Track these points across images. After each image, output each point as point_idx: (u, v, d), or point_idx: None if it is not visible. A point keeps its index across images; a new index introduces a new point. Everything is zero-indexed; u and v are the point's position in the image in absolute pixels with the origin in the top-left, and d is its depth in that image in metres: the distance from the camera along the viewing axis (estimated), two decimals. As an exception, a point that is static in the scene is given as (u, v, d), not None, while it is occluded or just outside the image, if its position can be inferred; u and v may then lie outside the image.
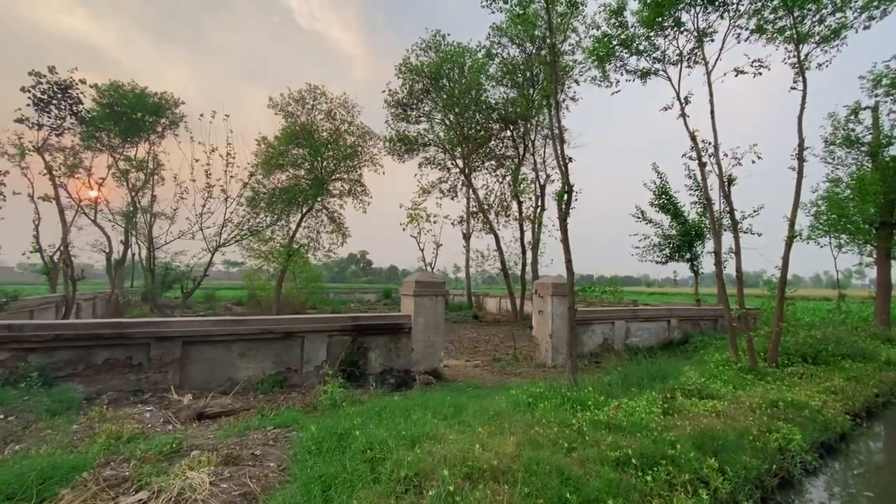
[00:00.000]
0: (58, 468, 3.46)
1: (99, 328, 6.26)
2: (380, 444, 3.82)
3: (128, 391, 6.18)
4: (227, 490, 3.10)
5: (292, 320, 7.56)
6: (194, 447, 3.95)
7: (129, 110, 23.19)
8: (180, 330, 6.68)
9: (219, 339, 6.92)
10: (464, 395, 6.42)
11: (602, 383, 6.75)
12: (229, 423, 5.05)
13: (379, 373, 7.94)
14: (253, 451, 3.88)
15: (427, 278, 8.55)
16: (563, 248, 6.41)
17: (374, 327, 8.10)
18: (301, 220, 18.95)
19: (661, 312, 12.36)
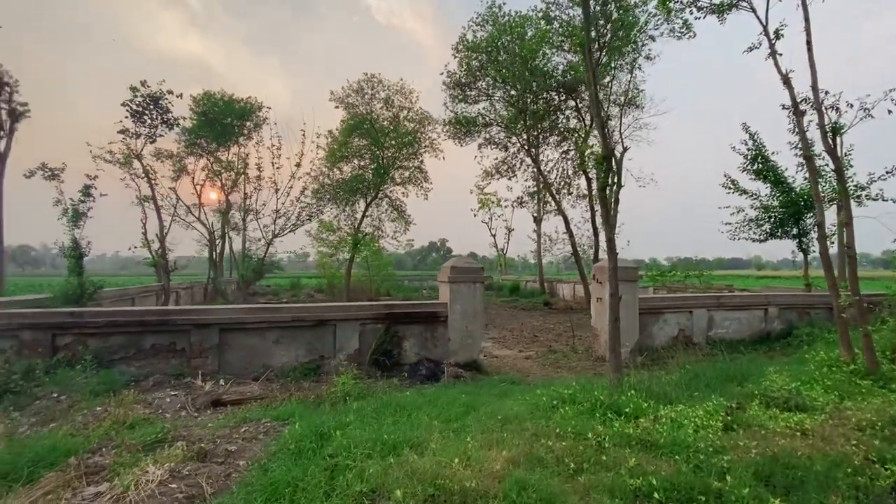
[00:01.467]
0: (56, 450, 3.57)
1: (146, 315, 6.69)
2: (351, 448, 3.41)
3: (171, 375, 6.53)
4: (174, 490, 2.91)
5: (324, 308, 7.50)
6: (180, 437, 3.89)
7: (220, 116, 25.42)
8: (217, 318, 6.91)
9: (253, 326, 7.06)
10: (491, 392, 5.81)
11: (658, 384, 5.69)
12: (241, 410, 5.02)
13: (414, 363, 7.61)
14: (228, 446, 3.71)
15: (463, 264, 7.97)
16: (604, 223, 5.43)
17: (408, 315, 7.76)
18: (366, 209, 19.35)
19: (756, 299, 10.43)
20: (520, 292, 28.23)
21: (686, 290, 15.67)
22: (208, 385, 5.84)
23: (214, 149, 26.69)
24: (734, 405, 4.59)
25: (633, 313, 9.02)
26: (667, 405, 4.67)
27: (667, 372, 7.34)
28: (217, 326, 6.86)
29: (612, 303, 5.34)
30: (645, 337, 9.26)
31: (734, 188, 12.93)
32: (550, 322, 16.63)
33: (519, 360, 9.60)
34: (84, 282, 9.25)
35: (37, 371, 5.62)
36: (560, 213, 18.95)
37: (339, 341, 7.37)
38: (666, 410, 4.42)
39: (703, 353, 9.17)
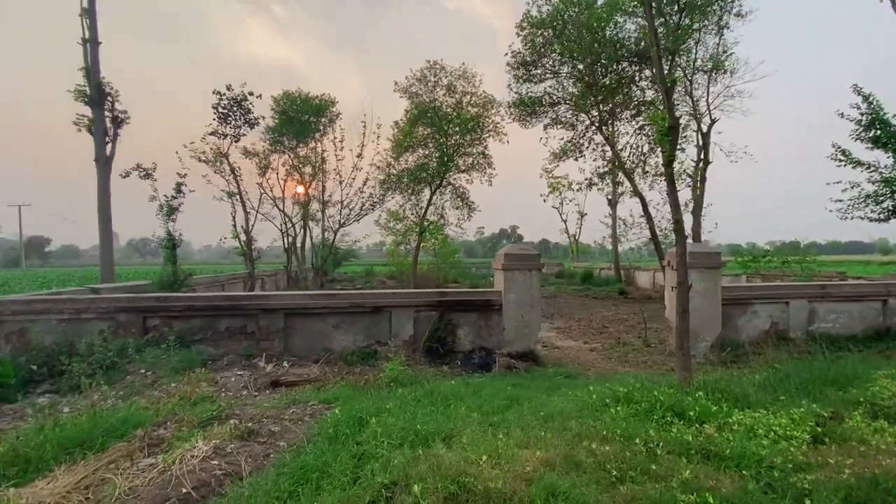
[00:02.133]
0: (128, 422, 3.99)
1: (218, 301, 7.29)
2: (381, 437, 3.38)
3: (242, 355, 7.06)
4: (214, 467, 3.08)
5: (379, 295, 7.64)
6: (233, 416, 4.14)
7: (298, 114, 27.01)
8: (282, 303, 7.33)
9: (314, 311, 7.40)
10: (541, 385, 5.52)
11: (736, 385, 5.02)
12: (295, 392, 5.27)
13: (468, 351, 7.50)
14: (273, 426, 3.87)
15: (518, 250, 7.65)
16: (670, 203, 4.83)
17: (461, 303, 7.65)
18: (431, 197, 19.50)
19: (872, 289, 8.85)
20: (593, 280, 26.91)
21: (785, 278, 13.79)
22: (270, 366, 6.22)
23: (294, 145, 28.54)
24: (829, 414, 3.88)
25: (715, 304, 8.09)
26: (743, 410, 4.08)
27: (751, 370, 6.50)
28: (282, 311, 7.28)
29: (680, 292, 4.76)
30: (729, 330, 8.28)
31: (846, 159, 10.99)
32: (624, 312, 15.61)
33: (583, 352, 9.10)
34: (177, 270, 10.35)
35: (129, 349, 6.37)
36: (636, 195, 17.60)
37: (395, 327, 7.48)
38: (740, 416, 3.85)
39: (799, 350, 8.00)
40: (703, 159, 19.59)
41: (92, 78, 11.19)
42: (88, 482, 3.02)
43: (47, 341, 6.71)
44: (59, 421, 3.95)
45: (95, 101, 11.19)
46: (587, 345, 9.79)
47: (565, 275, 32.12)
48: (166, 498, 2.69)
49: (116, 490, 2.81)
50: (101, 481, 3.00)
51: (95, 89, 11.17)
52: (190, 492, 2.75)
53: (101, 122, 11.35)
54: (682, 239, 4.76)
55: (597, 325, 12.58)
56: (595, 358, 8.46)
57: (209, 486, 2.87)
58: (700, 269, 8.00)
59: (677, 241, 4.78)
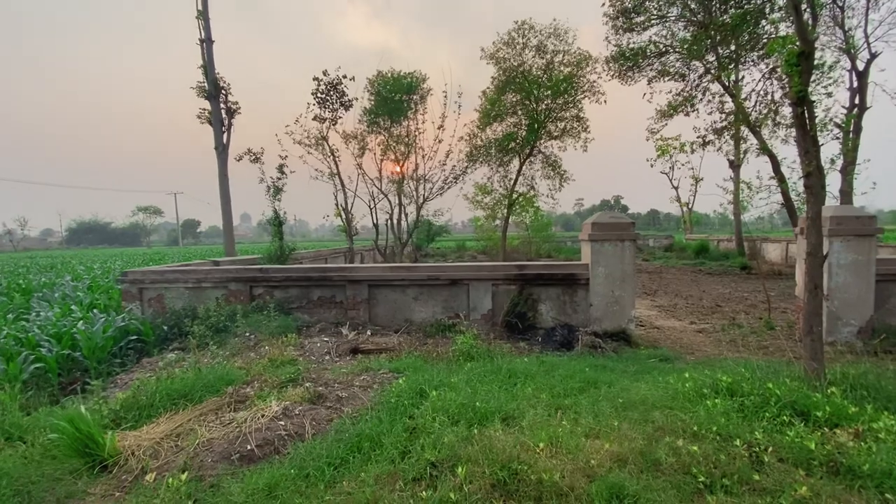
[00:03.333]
0: (223, 380, 4.42)
1: (311, 272, 7.79)
2: (436, 412, 3.26)
3: (332, 322, 7.52)
4: (280, 427, 3.24)
5: (456, 268, 7.51)
6: (310, 379, 4.36)
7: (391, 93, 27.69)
8: (365, 275, 7.61)
9: (395, 283, 7.56)
10: (628, 368, 4.95)
11: (890, 382, 3.96)
12: (372, 359, 5.43)
13: (550, 328, 7.08)
14: (342, 392, 3.99)
15: (607, 219, 6.89)
16: (800, 150, 3.82)
17: (542, 277, 7.20)
18: (520, 168, 18.74)
19: None
20: (708, 254, 23.96)
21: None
22: (352, 334, 6.50)
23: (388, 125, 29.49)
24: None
25: (866, 280, 6.53)
26: (894, 414, 3.17)
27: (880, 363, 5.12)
28: (366, 283, 7.57)
29: (811, 264, 3.81)
30: (885, 313, 6.66)
31: None
32: (745, 289, 13.65)
33: (687, 333, 8.07)
34: (283, 245, 11.37)
35: (238, 315, 7.13)
36: (765, 152, 14.89)
37: (473, 301, 7.33)
38: (890, 421, 2.99)
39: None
40: (859, 105, 15.92)
41: (209, 74, 12.56)
42: (180, 430, 3.38)
43: (178, 306, 7.83)
44: (171, 375, 4.52)
45: (212, 94, 12.58)
46: (693, 325, 8.67)
47: (675, 248, 29.06)
48: (233, 452, 2.88)
49: (196, 441, 3.08)
50: (190, 431, 3.33)
51: (212, 84, 12.54)
52: (254, 449, 2.91)
53: (218, 113, 12.75)
54: (816, 197, 3.77)
55: (708, 304, 11.12)
56: (702, 341, 7.43)
57: (272, 445, 3.01)
58: (846, 236, 6.48)
59: (808, 201, 3.79)
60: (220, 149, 12.97)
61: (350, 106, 20.01)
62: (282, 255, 11.02)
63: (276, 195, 12.02)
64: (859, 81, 14.75)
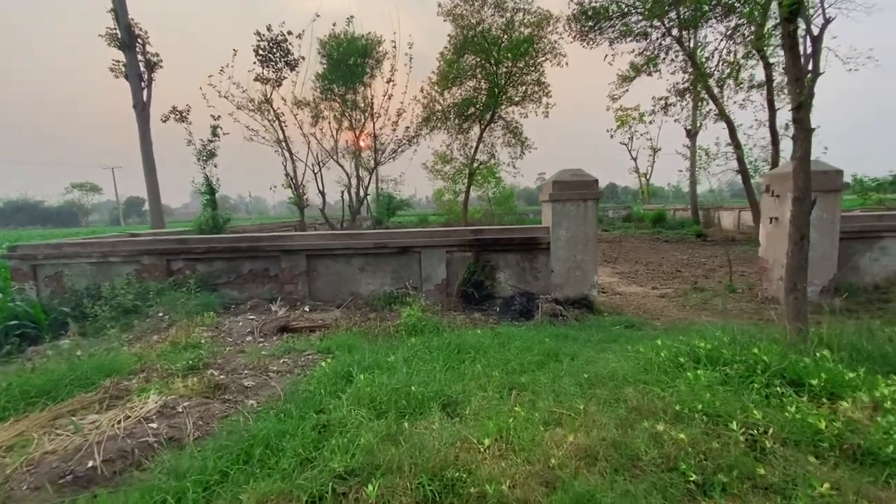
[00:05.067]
0: (101, 370, 3.53)
1: (238, 242, 6.81)
2: (361, 400, 2.56)
3: (266, 299, 6.63)
4: (149, 432, 2.44)
5: (406, 234, 6.75)
6: (214, 366, 3.55)
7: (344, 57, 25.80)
8: (303, 244, 6.71)
9: (338, 252, 6.72)
10: (591, 337, 4.43)
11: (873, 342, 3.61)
12: (302, 338, 4.65)
13: (510, 297, 6.51)
14: (248, 381, 3.21)
15: (569, 177, 6.30)
16: (790, 76, 3.27)
17: (499, 242, 6.57)
18: (481, 135, 17.95)
19: None
20: (665, 223, 24.29)
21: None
22: (282, 311, 5.67)
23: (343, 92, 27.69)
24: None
25: (832, 237, 6.30)
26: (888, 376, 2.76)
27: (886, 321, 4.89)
28: (303, 253, 6.69)
29: (797, 213, 3.32)
30: (848, 272, 6.50)
31: None
32: (701, 255, 13.68)
33: (650, 298, 7.74)
34: (217, 215, 10.17)
35: (151, 293, 6.10)
36: (723, 118, 14.85)
37: (425, 270, 6.63)
38: (892, 387, 2.55)
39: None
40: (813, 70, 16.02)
41: (121, 19, 10.86)
42: (18, 441, 2.52)
43: (80, 285, 6.67)
44: (36, 367, 3.57)
45: (126, 44, 10.91)
46: (655, 290, 8.39)
47: (633, 218, 29.45)
48: (66, 472, 2.07)
49: (24, 457, 2.24)
50: (28, 442, 2.48)
51: (125, 31, 10.86)
52: (98, 466, 2.11)
53: (135, 65, 11.13)
54: (806, 133, 3.25)
55: (668, 270, 10.96)
56: (665, 305, 7.11)
57: (130, 458, 2.22)
58: (818, 192, 6.17)
59: (797, 138, 3.27)
60: (139, 107, 11.38)
61: (296, 66, 18.38)
62: (216, 227, 9.86)
63: (207, 159, 10.70)
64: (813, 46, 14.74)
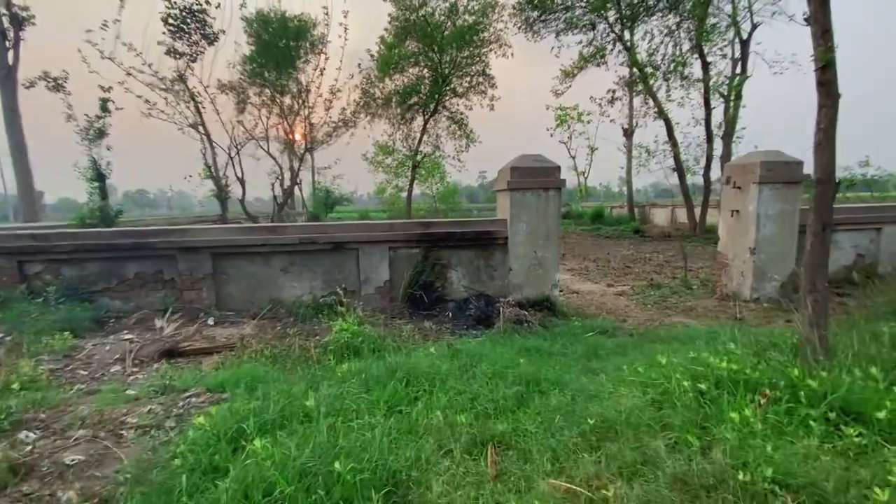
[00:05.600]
0: None
1: (119, 237, 5.33)
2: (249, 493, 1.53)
3: (160, 309, 5.23)
4: None
5: (340, 227, 5.66)
6: (33, 423, 2.31)
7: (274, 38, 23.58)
8: (207, 240, 5.39)
9: (254, 250, 5.48)
10: (570, 350, 3.67)
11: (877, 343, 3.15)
12: (191, 366, 3.44)
13: (463, 300, 5.64)
14: (72, 455, 2.03)
15: (531, 163, 5.55)
16: (813, 33, 2.65)
17: (452, 237, 5.69)
18: (424, 126, 16.99)
19: None
20: (603, 219, 24.82)
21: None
22: (170, 326, 4.37)
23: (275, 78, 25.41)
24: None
25: (791, 232, 6.09)
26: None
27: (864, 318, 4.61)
28: (207, 251, 5.37)
29: (820, 197, 2.72)
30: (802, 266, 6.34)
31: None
32: (645, 251, 13.72)
33: (608, 297, 7.25)
34: (105, 207, 8.35)
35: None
36: (661, 116, 15.08)
37: (364, 270, 5.59)
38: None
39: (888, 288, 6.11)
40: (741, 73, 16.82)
41: (-27, -40, 8.62)
42: None
43: None
44: None
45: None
46: (612, 288, 7.95)
47: (573, 215, 30.01)
48: None
49: None
50: None
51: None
52: None
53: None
54: (833, 99, 2.66)
55: (618, 266, 10.71)
56: (626, 305, 6.61)
57: None
58: (776, 184, 5.93)
59: (823, 105, 2.67)
60: (2, 72, 9.14)
61: (215, 40, 16.31)
62: (104, 221, 8.06)
63: (94, 140, 8.79)
64: (742, 50, 15.41)
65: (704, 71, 12.93)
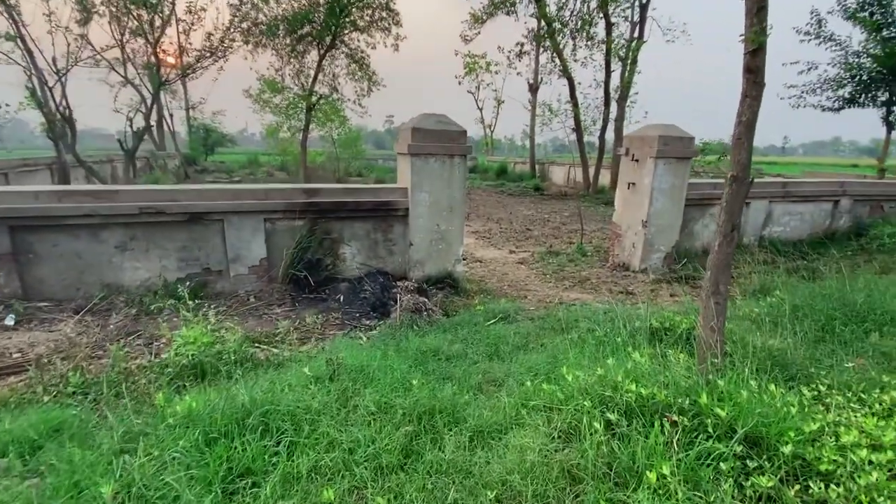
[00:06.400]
0: None
1: None
2: None
3: (-73, 305, 3.79)
4: None
5: (195, 193, 4.53)
6: None
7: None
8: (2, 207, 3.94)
9: (76, 222, 4.17)
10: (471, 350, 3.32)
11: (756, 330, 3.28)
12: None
13: (358, 279, 5.00)
14: None
15: (434, 124, 4.89)
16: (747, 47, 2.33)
17: (344, 207, 4.91)
18: (320, 62, 14.98)
19: (828, 188, 7.84)
20: (507, 175, 25.25)
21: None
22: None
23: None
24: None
25: (678, 205, 6.38)
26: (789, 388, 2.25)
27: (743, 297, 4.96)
28: (4, 223, 3.95)
29: (735, 194, 2.53)
30: (685, 238, 6.78)
31: (814, 35, 9.37)
32: (544, 210, 14.12)
33: (510, 265, 7.14)
34: None
35: None
36: (565, 75, 15.11)
37: (233, 247, 4.61)
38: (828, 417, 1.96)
39: (755, 258, 6.85)
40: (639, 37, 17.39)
41: None
42: None
43: None
44: None
45: None
46: (514, 255, 7.88)
47: (479, 169, 30.13)
48: None
49: None
50: None
51: None
52: None
53: None
54: (759, 89, 2.41)
55: (519, 227, 10.80)
56: (528, 276, 6.54)
57: None
58: (669, 159, 6.06)
59: (747, 94, 2.42)
60: None
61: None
62: None
63: None
64: (641, 14, 15.81)
65: (608, 32, 13.01)
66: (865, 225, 8.00)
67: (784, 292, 4.43)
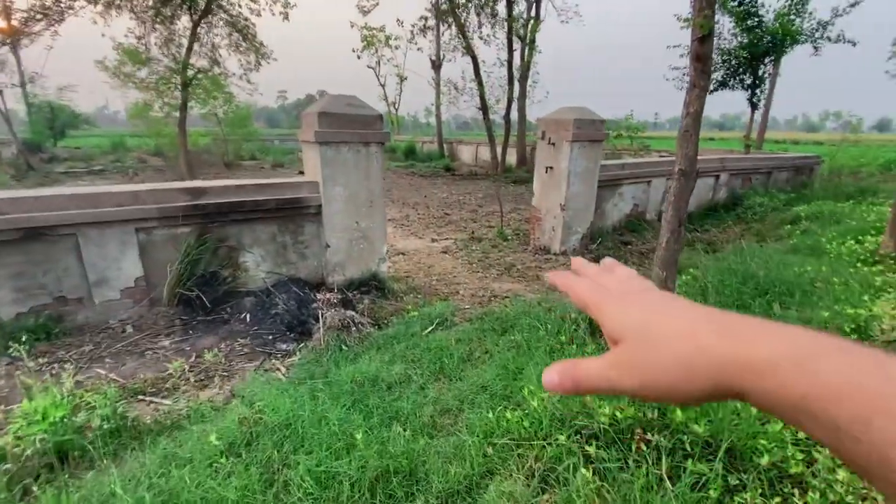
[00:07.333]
0: None
1: None
2: None
3: None
4: None
5: (37, 201, 3.43)
6: None
7: None
8: None
9: None
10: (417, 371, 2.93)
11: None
12: None
13: (265, 291, 4.28)
14: None
15: (345, 108, 4.26)
16: (694, 34, 2.18)
17: (240, 208, 4.12)
18: (194, 29, 12.88)
19: (713, 165, 8.67)
20: (416, 155, 24.76)
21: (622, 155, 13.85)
22: None
23: None
24: None
25: (592, 187, 6.52)
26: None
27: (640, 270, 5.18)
28: None
29: (680, 191, 2.43)
30: (598, 217, 7.00)
31: (691, 21, 10.20)
32: (458, 192, 14.01)
33: (435, 256, 6.82)
34: None
35: None
36: (468, 52, 14.88)
37: (94, 267, 3.62)
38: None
39: (655, 232, 7.36)
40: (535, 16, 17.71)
41: None
42: None
43: None
44: None
45: None
46: (436, 243, 7.57)
47: (387, 150, 29.19)
48: None
49: None
50: None
51: None
52: None
53: None
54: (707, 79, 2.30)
55: (436, 212, 10.50)
56: (454, 266, 6.28)
57: None
58: (583, 142, 6.12)
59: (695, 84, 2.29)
60: None
61: None
62: None
63: None
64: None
65: (509, 11, 12.97)
66: (739, 196, 9.05)
67: (697, 270, 4.71)
